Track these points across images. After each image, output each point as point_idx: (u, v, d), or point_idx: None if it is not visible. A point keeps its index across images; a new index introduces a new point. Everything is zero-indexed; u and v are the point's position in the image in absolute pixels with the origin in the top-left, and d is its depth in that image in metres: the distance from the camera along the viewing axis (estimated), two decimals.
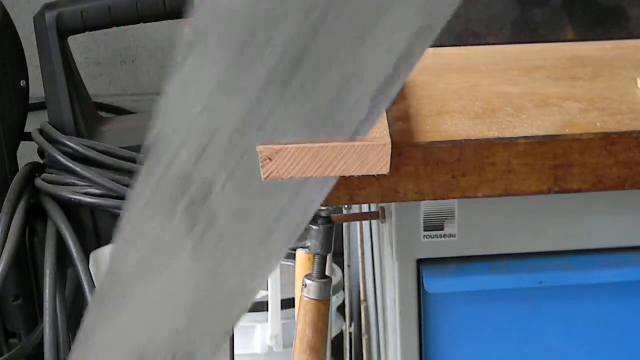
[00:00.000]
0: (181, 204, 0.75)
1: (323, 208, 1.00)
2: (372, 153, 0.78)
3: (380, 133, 0.80)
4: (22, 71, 1.85)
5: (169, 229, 0.75)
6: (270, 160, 0.76)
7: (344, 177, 0.79)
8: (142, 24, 1.83)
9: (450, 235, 0.99)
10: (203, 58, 0.72)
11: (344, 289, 1.62)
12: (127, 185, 1.72)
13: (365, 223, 1.47)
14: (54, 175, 1.78)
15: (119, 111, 2.15)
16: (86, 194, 1.74)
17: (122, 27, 1.85)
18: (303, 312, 1.02)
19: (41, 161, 1.84)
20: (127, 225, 0.77)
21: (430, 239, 0.99)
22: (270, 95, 0.72)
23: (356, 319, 1.65)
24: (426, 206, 0.98)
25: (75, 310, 1.79)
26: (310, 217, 0.77)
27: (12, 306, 1.87)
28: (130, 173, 1.74)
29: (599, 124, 0.89)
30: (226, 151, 0.74)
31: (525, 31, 1.22)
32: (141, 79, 2.14)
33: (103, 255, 1.79)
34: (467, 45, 1.19)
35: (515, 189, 0.87)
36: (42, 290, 1.74)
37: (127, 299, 0.78)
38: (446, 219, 0.99)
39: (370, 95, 0.73)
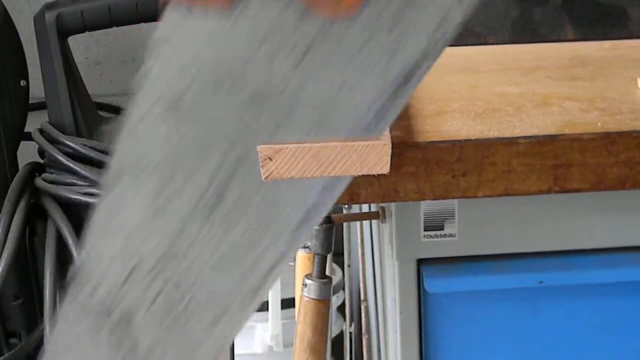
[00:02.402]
0: (105, 327, 0.78)
1: None
2: (372, 153, 0.78)
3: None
4: (22, 71, 1.85)
5: (95, 350, 0.78)
6: (271, 159, 0.76)
7: None
8: (142, 24, 1.83)
9: (450, 235, 0.99)
10: (129, 188, 0.75)
11: (344, 289, 1.62)
12: None
13: (365, 223, 1.47)
14: (54, 174, 1.78)
15: (119, 111, 2.15)
16: (86, 193, 1.74)
17: (122, 27, 1.85)
18: (303, 312, 1.02)
19: (41, 161, 1.84)
20: (54, 345, 0.79)
21: (430, 239, 0.99)
22: (192, 229, 0.75)
23: (356, 318, 1.65)
24: (426, 206, 0.98)
25: None
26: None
27: (12, 306, 1.87)
28: None
29: (599, 124, 0.89)
30: (148, 280, 0.77)
31: (525, 31, 1.22)
32: None
33: None
34: (467, 45, 1.19)
35: (515, 189, 0.87)
36: (42, 289, 1.74)
37: None
38: (446, 219, 0.99)
39: (285, 235, 0.77)
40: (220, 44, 0.72)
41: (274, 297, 1.51)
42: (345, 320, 1.63)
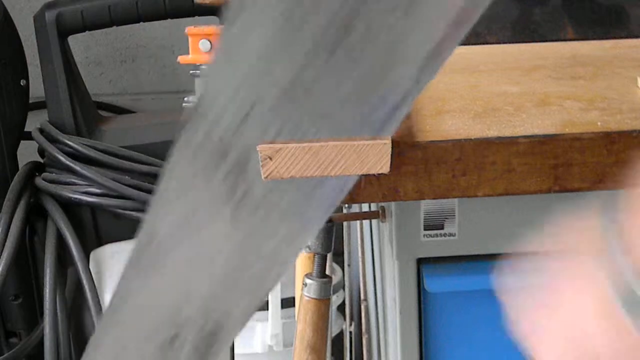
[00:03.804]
0: (220, 169, 0.74)
1: None
2: (372, 152, 0.78)
3: None
4: (22, 70, 1.85)
5: (208, 193, 0.75)
6: (271, 159, 0.76)
7: None
8: (142, 23, 1.83)
9: (450, 234, 0.99)
10: (250, 23, 0.70)
11: (344, 288, 1.62)
12: (126, 184, 1.73)
13: (365, 222, 1.47)
14: (54, 174, 1.78)
15: (119, 110, 2.15)
16: (86, 193, 1.74)
17: (122, 26, 1.85)
18: (303, 311, 1.02)
19: (41, 160, 1.84)
20: (165, 187, 0.76)
21: (430, 238, 0.99)
22: (316, 63, 0.71)
23: (356, 318, 1.65)
24: (426, 205, 0.98)
25: (75, 309, 1.79)
26: (344, 192, 0.77)
27: (12, 305, 1.87)
28: (130, 172, 1.75)
29: (599, 123, 0.89)
30: (267, 119, 0.72)
31: (525, 31, 1.22)
32: (141, 78, 2.14)
33: (103, 254, 1.79)
34: (467, 45, 1.19)
35: (515, 188, 0.87)
36: (42, 289, 1.74)
37: (161, 262, 0.78)
38: (446, 218, 0.99)
39: (416, 66, 0.71)
40: None
41: (274, 297, 1.51)
42: (345, 319, 1.63)
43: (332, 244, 1.04)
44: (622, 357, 0.60)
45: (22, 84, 1.84)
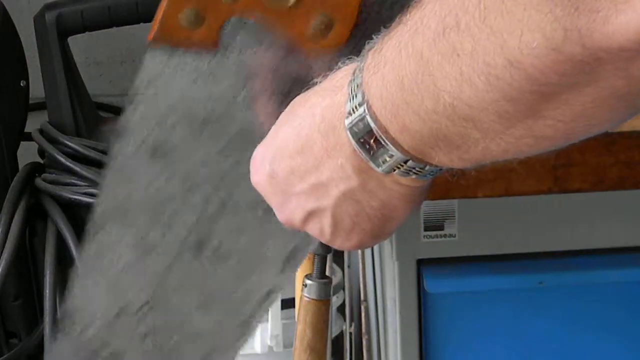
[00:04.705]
0: None
1: None
2: None
3: None
4: (22, 71, 1.85)
5: None
6: None
7: None
8: (142, 24, 1.83)
9: (450, 235, 0.99)
10: (115, 231, 0.75)
11: (344, 289, 1.62)
12: None
13: None
14: (54, 175, 1.78)
15: (120, 111, 2.14)
16: (86, 193, 1.74)
17: (123, 27, 1.85)
18: (303, 312, 1.02)
19: (41, 161, 1.84)
20: None
21: (430, 239, 0.99)
22: (179, 269, 0.75)
23: (356, 319, 1.65)
24: (426, 206, 0.98)
25: None
26: None
27: (12, 306, 1.87)
28: None
29: None
30: (136, 321, 0.77)
31: None
32: None
33: None
34: None
35: (515, 189, 0.87)
36: (42, 290, 1.74)
37: None
38: (446, 219, 0.99)
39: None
40: (204, 84, 0.72)
41: None
42: (345, 320, 1.63)
43: None
44: None
45: (22, 84, 1.84)
